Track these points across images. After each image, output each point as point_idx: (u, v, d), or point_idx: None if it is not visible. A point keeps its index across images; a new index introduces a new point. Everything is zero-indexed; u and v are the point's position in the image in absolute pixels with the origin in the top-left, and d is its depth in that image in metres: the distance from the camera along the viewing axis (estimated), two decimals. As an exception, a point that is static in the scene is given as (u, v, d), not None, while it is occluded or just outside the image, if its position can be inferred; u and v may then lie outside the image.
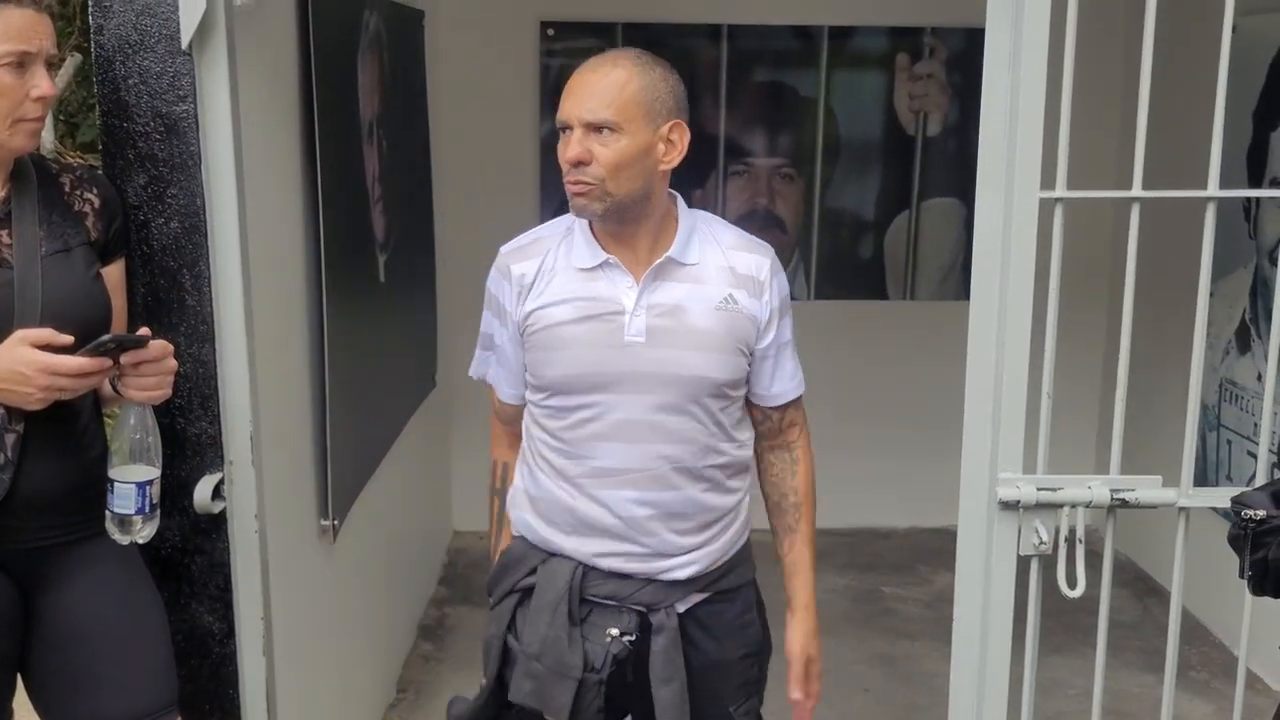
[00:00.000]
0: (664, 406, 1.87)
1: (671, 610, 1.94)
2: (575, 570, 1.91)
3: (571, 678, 1.87)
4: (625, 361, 1.86)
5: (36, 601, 1.83)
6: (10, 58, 1.69)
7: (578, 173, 1.80)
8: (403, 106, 3.53)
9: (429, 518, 4.26)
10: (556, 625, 1.89)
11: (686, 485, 1.91)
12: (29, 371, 1.65)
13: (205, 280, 1.94)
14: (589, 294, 1.87)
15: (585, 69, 1.85)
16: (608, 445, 1.88)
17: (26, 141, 1.76)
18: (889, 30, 4.34)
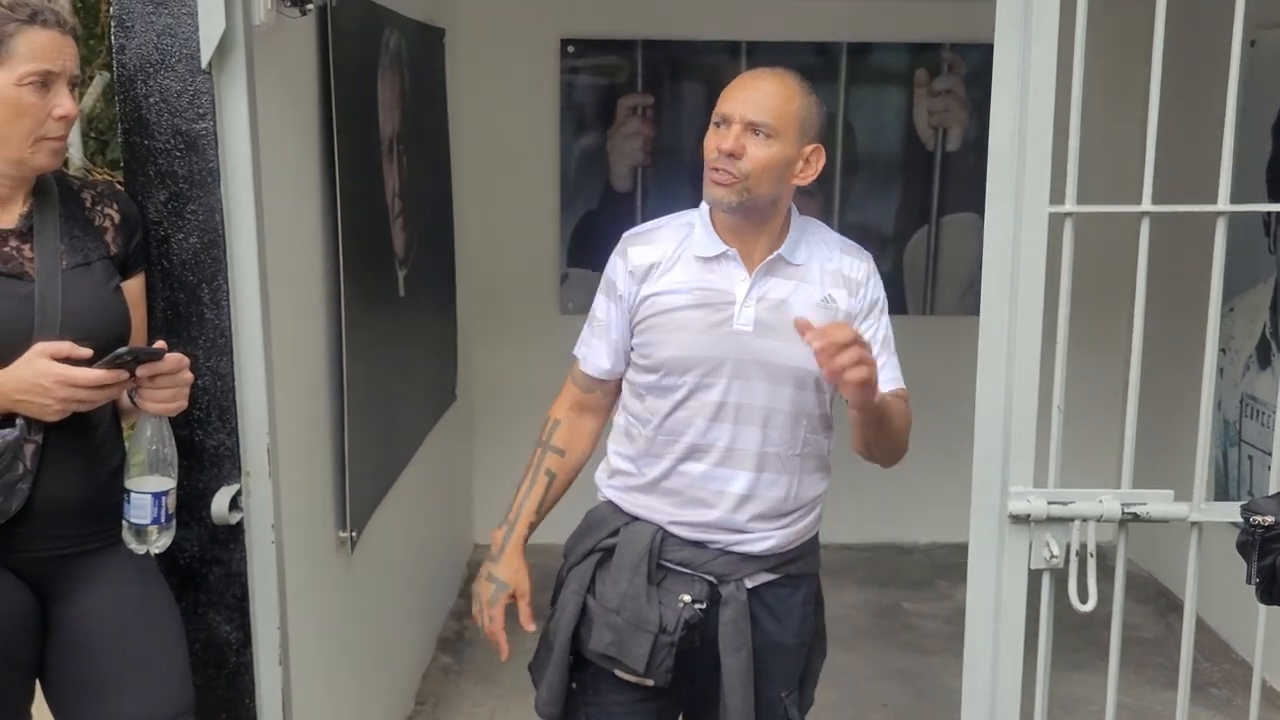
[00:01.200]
0: (764, 393, 2.02)
1: (741, 584, 2.06)
2: (655, 534, 2.05)
3: (648, 632, 2.00)
4: (732, 348, 2.00)
5: (54, 609, 1.86)
6: (34, 78, 1.73)
7: (727, 163, 1.93)
8: (423, 123, 3.57)
9: (449, 531, 4.29)
10: (636, 584, 2.02)
11: (777, 469, 2.05)
12: (47, 383, 1.68)
13: (224, 294, 1.97)
14: (705, 283, 2.02)
15: (752, 74, 2.01)
16: (708, 424, 2.03)
17: (49, 160, 1.80)
18: (908, 46, 4.35)
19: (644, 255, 2.06)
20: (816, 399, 2.06)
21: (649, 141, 4.39)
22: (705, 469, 2.04)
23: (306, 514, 2.39)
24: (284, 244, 2.22)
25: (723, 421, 2.02)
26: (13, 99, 1.73)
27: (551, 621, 2.14)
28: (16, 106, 1.73)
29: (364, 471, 2.76)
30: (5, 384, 1.69)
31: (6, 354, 1.71)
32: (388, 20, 3.06)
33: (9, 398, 1.70)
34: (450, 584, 4.26)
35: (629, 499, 2.10)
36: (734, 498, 2.04)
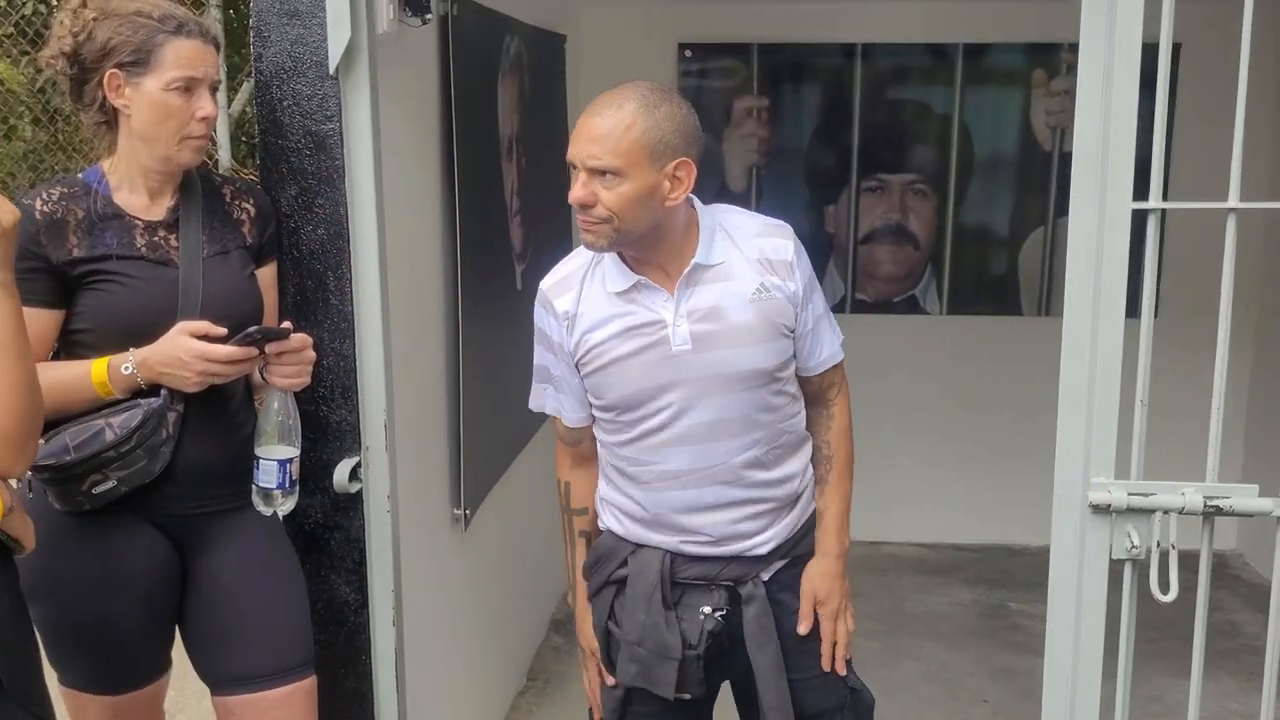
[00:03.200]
0: (723, 405, 1.97)
1: (758, 580, 2.07)
2: (664, 559, 2.05)
3: (673, 659, 2.01)
4: (677, 370, 1.96)
5: (191, 563, 2.06)
6: (180, 83, 1.93)
7: (584, 214, 1.89)
8: (543, 125, 3.73)
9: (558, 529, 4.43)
10: (653, 613, 2.03)
11: (756, 474, 2.03)
12: (187, 358, 1.88)
13: (347, 282, 2.15)
14: (629, 314, 1.97)
15: (590, 111, 1.91)
16: (675, 450, 1.99)
17: (192, 156, 2.00)
18: (1025, 46, 4.34)
19: (565, 302, 2.03)
20: (775, 389, 2.01)
21: (764, 143, 4.48)
22: (683, 494, 2.01)
23: (422, 489, 2.55)
24: (405, 237, 2.39)
25: (688, 444, 1.98)
26: (160, 102, 1.93)
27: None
28: (164, 109, 1.93)
29: (478, 453, 2.92)
30: (151, 358, 1.90)
31: (153, 331, 1.91)
32: (508, 27, 3.23)
33: (154, 370, 1.90)
34: (564, 569, 4.41)
35: (629, 527, 2.09)
36: (720, 511, 2.02)
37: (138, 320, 1.93)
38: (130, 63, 1.92)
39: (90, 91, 1.96)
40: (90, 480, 1.89)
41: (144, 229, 1.98)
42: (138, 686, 2.08)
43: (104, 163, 2.02)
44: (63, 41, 1.95)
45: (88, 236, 1.94)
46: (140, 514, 1.99)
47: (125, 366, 1.90)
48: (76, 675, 2.05)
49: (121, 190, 1.99)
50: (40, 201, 1.93)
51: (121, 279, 1.94)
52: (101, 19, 1.94)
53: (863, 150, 4.46)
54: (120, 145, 1.99)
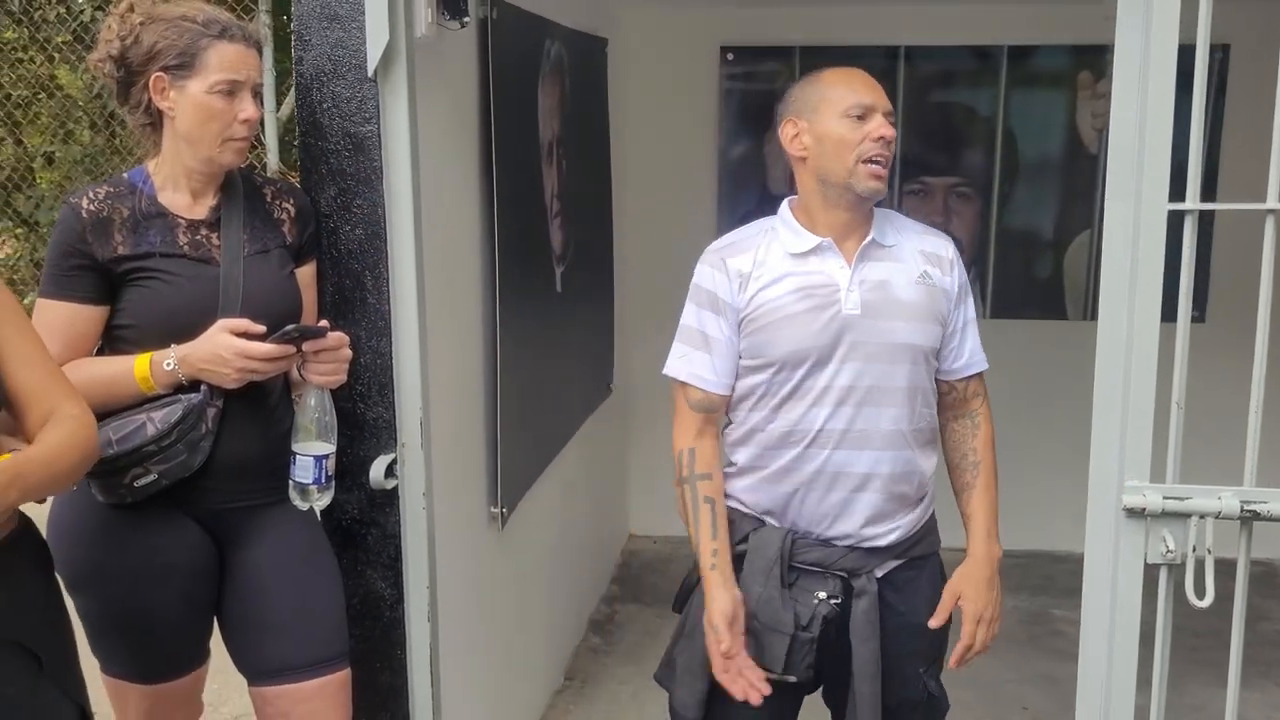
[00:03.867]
0: (884, 373, 2.07)
1: (871, 575, 2.13)
2: (785, 537, 2.11)
3: (784, 634, 2.08)
4: (846, 332, 2.06)
5: (230, 556, 2.10)
6: (222, 85, 1.98)
7: (887, 150, 2.04)
8: (583, 128, 3.76)
9: (605, 520, 4.46)
10: (770, 587, 2.09)
11: (902, 446, 2.11)
12: (227, 354, 1.92)
13: (384, 281, 2.18)
14: (805, 277, 2.07)
15: (847, 70, 2.12)
16: (831, 410, 2.07)
17: (234, 158, 2.04)
18: (1070, 49, 4.30)
19: (741, 262, 2.10)
20: (927, 372, 2.13)
21: (805, 145, 4.46)
22: (828, 454, 2.08)
23: (459, 487, 2.58)
24: (443, 237, 2.42)
25: (844, 405, 2.07)
26: (204, 105, 1.98)
27: (685, 627, 2.21)
28: (208, 111, 1.98)
29: (515, 453, 2.94)
30: (192, 354, 1.94)
31: (195, 328, 1.95)
32: (549, 31, 3.25)
33: (194, 366, 1.94)
34: (604, 570, 4.44)
35: (755, 502, 2.15)
36: (857, 478, 2.09)
37: (179, 317, 1.97)
38: (175, 66, 1.97)
39: (136, 94, 2.01)
40: (132, 473, 1.94)
41: (187, 228, 2.02)
42: (177, 676, 2.12)
43: (149, 163, 2.07)
44: (110, 45, 2.00)
45: (132, 235, 1.98)
46: (180, 507, 2.03)
47: (167, 363, 1.94)
48: (118, 664, 2.10)
49: (165, 190, 2.04)
50: (87, 200, 1.98)
51: (164, 276, 1.99)
52: (148, 23, 1.99)
53: (905, 153, 4.43)
54: (165, 146, 2.04)
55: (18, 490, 1.55)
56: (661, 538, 4.86)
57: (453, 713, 2.45)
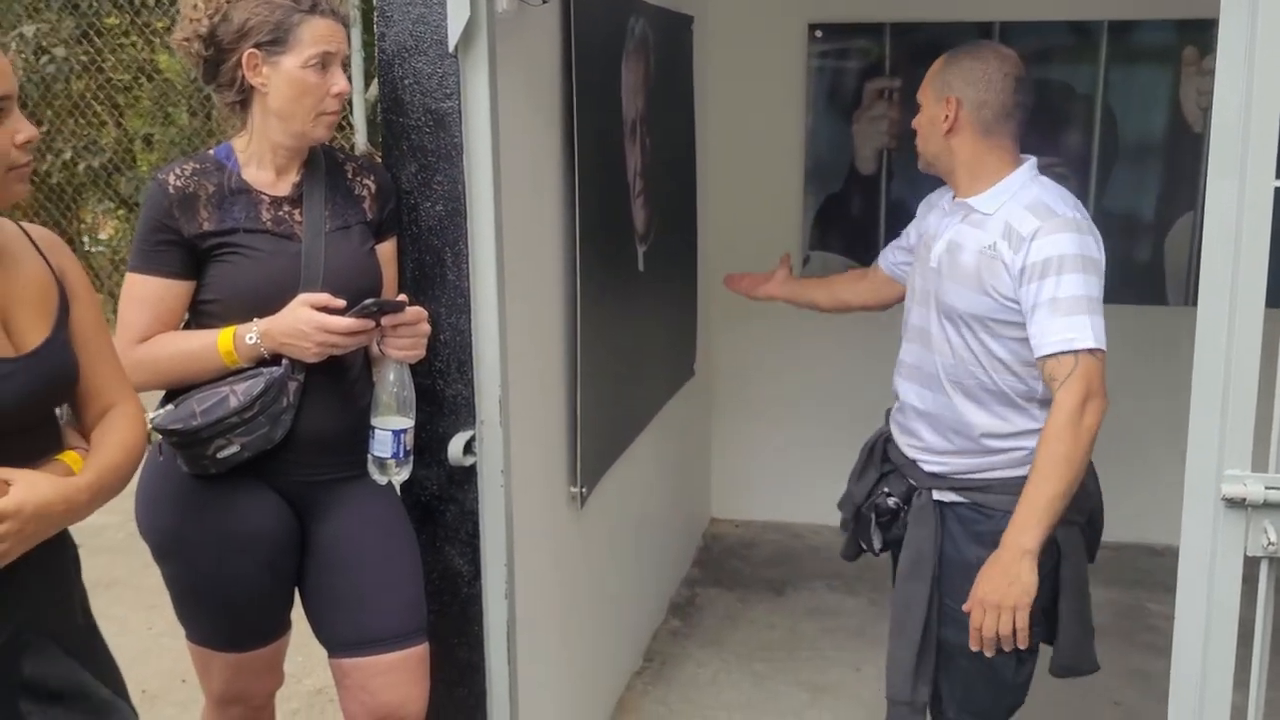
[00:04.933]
0: (935, 322, 2.33)
1: (927, 493, 2.36)
2: (880, 436, 2.56)
3: (853, 503, 2.53)
4: (925, 281, 2.37)
5: (311, 529, 2.12)
6: (316, 59, 1.99)
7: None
8: (668, 107, 3.72)
9: (685, 502, 4.44)
10: (858, 465, 2.57)
11: (942, 391, 2.32)
12: (307, 329, 1.94)
13: (464, 258, 2.18)
14: (930, 226, 2.42)
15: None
16: (905, 344, 2.45)
17: (325, 132, 2.06)
18: (1175, 23, 4.14)
19: (935, 196, 2.51)
20: (978, 333, 2.25)
21: (895, 125, 4.37)
22: (901, 381, 2.45)
23: (538, 465, 2.58)
24: (524, 214, 2.41)
25: (913, 342, 2.42)
26: (299, 79, 1.99)
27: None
28: (302, 86, 2.00)
29: (595, 432, 2.93)
30: (273, 328, 1.96)
31: (277, 302, 1.98)
32: (633, 7, 3.23)
33: (276, 340, 1.96)
34: (684, 552, 4.42)
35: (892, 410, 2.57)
36: (910, 408, 2.41)
37: (262, 291, 2.00)
38: (268, 42, 1.98)
39: (227, 71, 2.03)
40: (215, 445, 1.97)
41: (270, 204, 2.05)
42: (259, 645, 2.16)
43: (235, 140, 2.09)
44: (198, 24, 2.02)
45: (217, 210, 2.01)
46: (263, 479, 2.06)
47: (249, 336, 1.97)
48: (201, 632, 2.14)
49: (250, 166, 2.06)
50: (174, 176, 2.01)
51: (248, 252, 2.01)
52: (236, 1, 2.00)
53: (999, 132, 4.31)
54: (254, 122, 2.05)
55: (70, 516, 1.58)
56: (744, 522, 4.83)
57: (529, 690, 2.46)
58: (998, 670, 2.26)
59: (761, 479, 4.80)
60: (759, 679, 3.60)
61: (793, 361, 4.67)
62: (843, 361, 4.61)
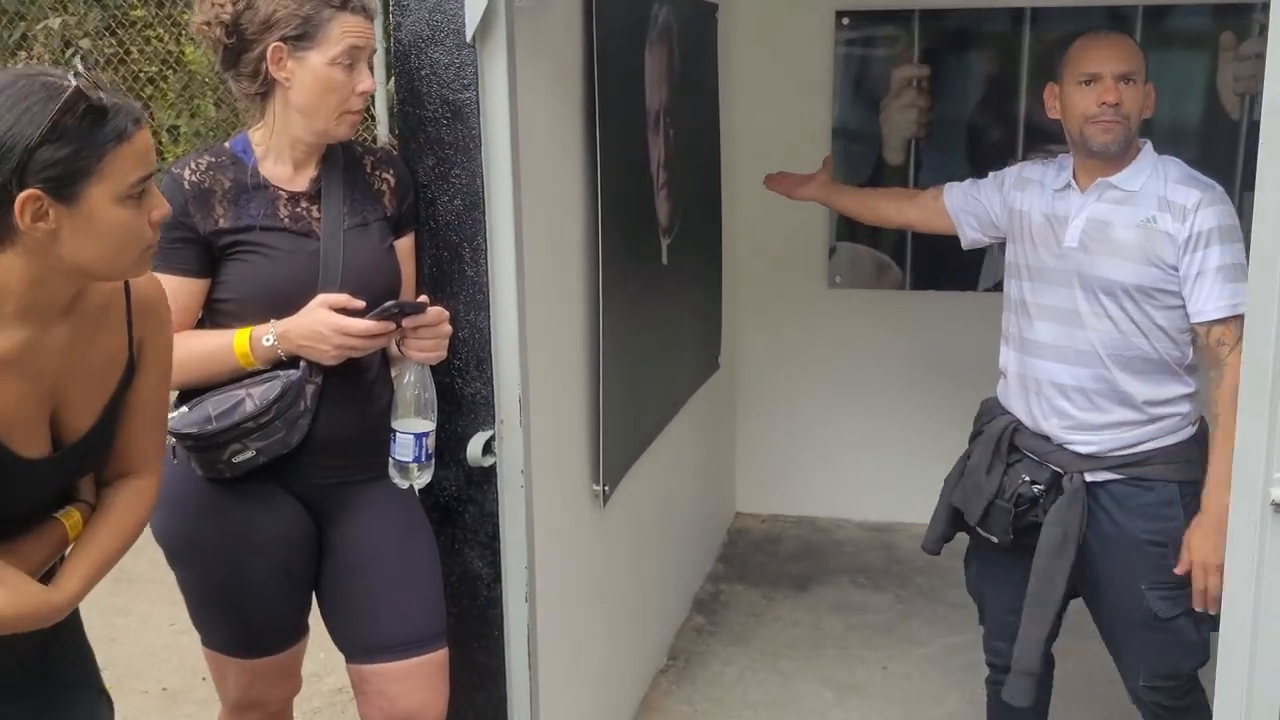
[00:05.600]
0: (1085, 299, 2.36)
1: (1078, 477, 2.39)
2: (1009, 424, 2.52)
3: (984, 496, 2.48)
4: (1061, 260, 2.39)
5: (328, 533, 2.08)
6: (344, 57, 1.93)
7: (1109, 113, 2.30)
8: (692, 97, 3.65)
9: (710, 497, 4.39)
10: (982, 458, 2.52)
11: (1101, 366, 2.36)
12: (326, 331, 1.88)
13: (483, 254, 2.12)
14: (1053, 208, 2.43)
15: (1092, 35, 2.41)
16: (1040, 323, 2.44)
17: (348, 131, 2.00)
18: (1211, 8, 4.03)
19: (1031, 171, 2.54)
20: (1138, 306, 2.31)
21: (924, 114, 4.28)
22: (1041, 363, 2.44)
23: (559, 464, 2.53)
24: (544, 208, 2.35)
25: (1052, 322, 2.41)
26: (325, 77, 1.93)
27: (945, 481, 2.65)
28: (328, 83, 1.94)
29: (618, 429, 2.88)
30: (291, 330, 1.91)
31: (294, 302, 1.92)
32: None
33: (294, 343, 1.91)
34: (709, 548, 4.36)
35: (1003, 396, 2.58)
36: (1059, 387, 2.41)
37: (279, 291, 1.95)
38: (295, 36, 1.92)
39: (249, 62, 1.96)
40: (230, 449, 1.92)
41: (287, 200, 1.99)
42: (275, 651, 2.11)
43: (252, 132, 2.03)
44: (221, 10, 1.94)
45: (233, 207, 1.96)
46: (279, 483, 2.01)
47: (266, 338, 1.92)
48: (217, 637, 2.10)
49: (267, 160, 2.01)
50: (189, 171, 1.96)
51: (264, 250, 1.96)
52: None
53: (1030, 122, 4.22)
54: (274, 116, 1.99)
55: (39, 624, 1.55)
56: (770, 516, 4.76)
57: (551, 692, 2.41)
58: (1183, 632, 2.35)
59: (786, 473, 4.73)
60: (785, 678, 3.54)
61: (818, 354, 4.60)
62: (868, 355, 4.54)
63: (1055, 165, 2.52)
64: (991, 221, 2.65)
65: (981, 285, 4.38)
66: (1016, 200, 2.54)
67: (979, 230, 2.70)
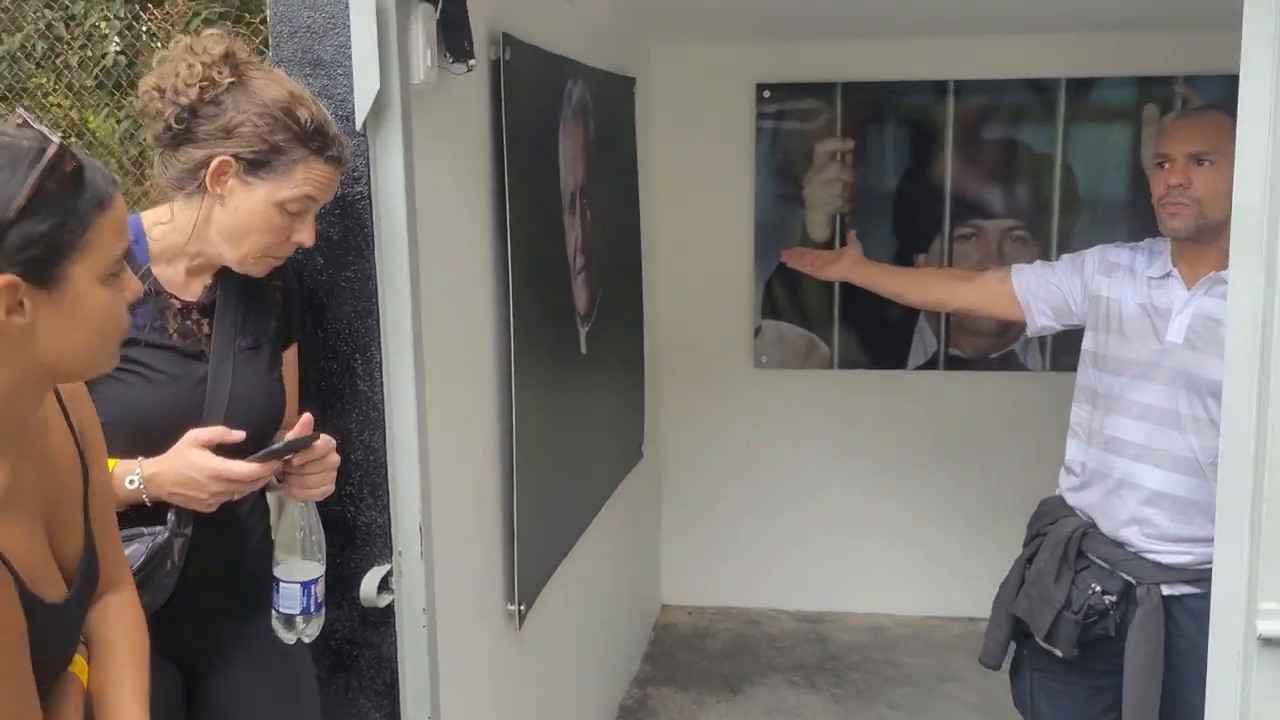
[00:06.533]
0: (1185, 400, 2.22)
1: (1155, 589, 2.25)
2: (1078, 528, 2.36)
3: (1051, 607, 2.32)
4: (1163, 356, 2.26)
5: (198, 685, 1.80)
6: (297, 204, 1.68)
7: (1177, 195, 2.21)
8: (610, 174, 3.47)
9: (636, 592, 4.15)
10: (1050, 564, 2.35)
11: (1199, 474, 2.21)
12: (201, 477, 1.61)
13: (376, 365, 1.89)
14: (1152, 298, 2.31)
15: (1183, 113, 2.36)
16: (1131, 422, 2.29)
17: (261, 272, 1.75)
18: (1135, 80, 3.97)
19: (1117, 256, 2.39)
20: None
21: (848, 188, 4.16)
22: (1126, 463, 2.29)
23: (468, 590, 2.28)
24: (447, 307, 2.13)
25: (1145, 421, 2.27)
26: (266, 215, 1.68)
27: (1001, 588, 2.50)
28: (267, 222, 1.68)
29: (536, 541, 2.64)
30: (161, 474, 1.62)
31: (172, 433, 1.64)
32: (570, 71, 2.97)
33: (164, 488, 1.62)
34: (635, 647, 4.11)
35: (1070, 495, 2.42)
36: (1147, 492, 2.26)
37: (155, 421, 1.65)
38: (252, 160, 1.66)
39: (192, 159, 1.67)
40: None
41: (178, 312, 1.71)
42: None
43: (150, 219, 1.73)
44: (183, 91, 1.65)
45: None
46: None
47: (131, 480, 1.62)
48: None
49: (161, 260, 1.72)
50: None
51: (145, 371, 1.66)
52: (239, 90, 1.66)
53: (956, 194, 4.11)
54: (185, 217, 1.71)
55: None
56: (697, 608, 4.53)
57: None
58: None
59: (714, 562, 4.52)
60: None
61: (745, 437, 4.41)
62: (796, 436, 4.37)
63: (1145, 251, 2.39)
64: (1068, 308, 2.49)
65: (911, 363, 4.24)
66: (1102, 286, 2.39)
67: (1052, 317, 2.53)
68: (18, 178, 1.14)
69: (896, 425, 4.32)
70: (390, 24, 1.79)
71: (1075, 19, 3.64)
